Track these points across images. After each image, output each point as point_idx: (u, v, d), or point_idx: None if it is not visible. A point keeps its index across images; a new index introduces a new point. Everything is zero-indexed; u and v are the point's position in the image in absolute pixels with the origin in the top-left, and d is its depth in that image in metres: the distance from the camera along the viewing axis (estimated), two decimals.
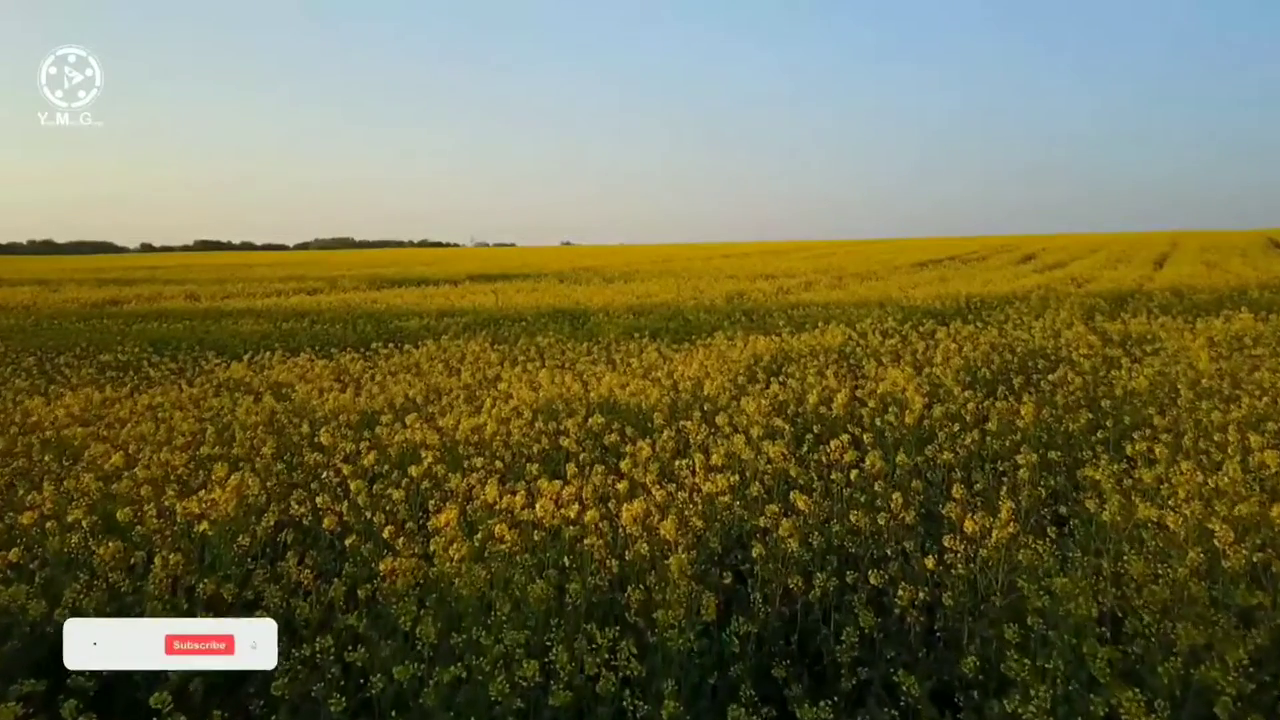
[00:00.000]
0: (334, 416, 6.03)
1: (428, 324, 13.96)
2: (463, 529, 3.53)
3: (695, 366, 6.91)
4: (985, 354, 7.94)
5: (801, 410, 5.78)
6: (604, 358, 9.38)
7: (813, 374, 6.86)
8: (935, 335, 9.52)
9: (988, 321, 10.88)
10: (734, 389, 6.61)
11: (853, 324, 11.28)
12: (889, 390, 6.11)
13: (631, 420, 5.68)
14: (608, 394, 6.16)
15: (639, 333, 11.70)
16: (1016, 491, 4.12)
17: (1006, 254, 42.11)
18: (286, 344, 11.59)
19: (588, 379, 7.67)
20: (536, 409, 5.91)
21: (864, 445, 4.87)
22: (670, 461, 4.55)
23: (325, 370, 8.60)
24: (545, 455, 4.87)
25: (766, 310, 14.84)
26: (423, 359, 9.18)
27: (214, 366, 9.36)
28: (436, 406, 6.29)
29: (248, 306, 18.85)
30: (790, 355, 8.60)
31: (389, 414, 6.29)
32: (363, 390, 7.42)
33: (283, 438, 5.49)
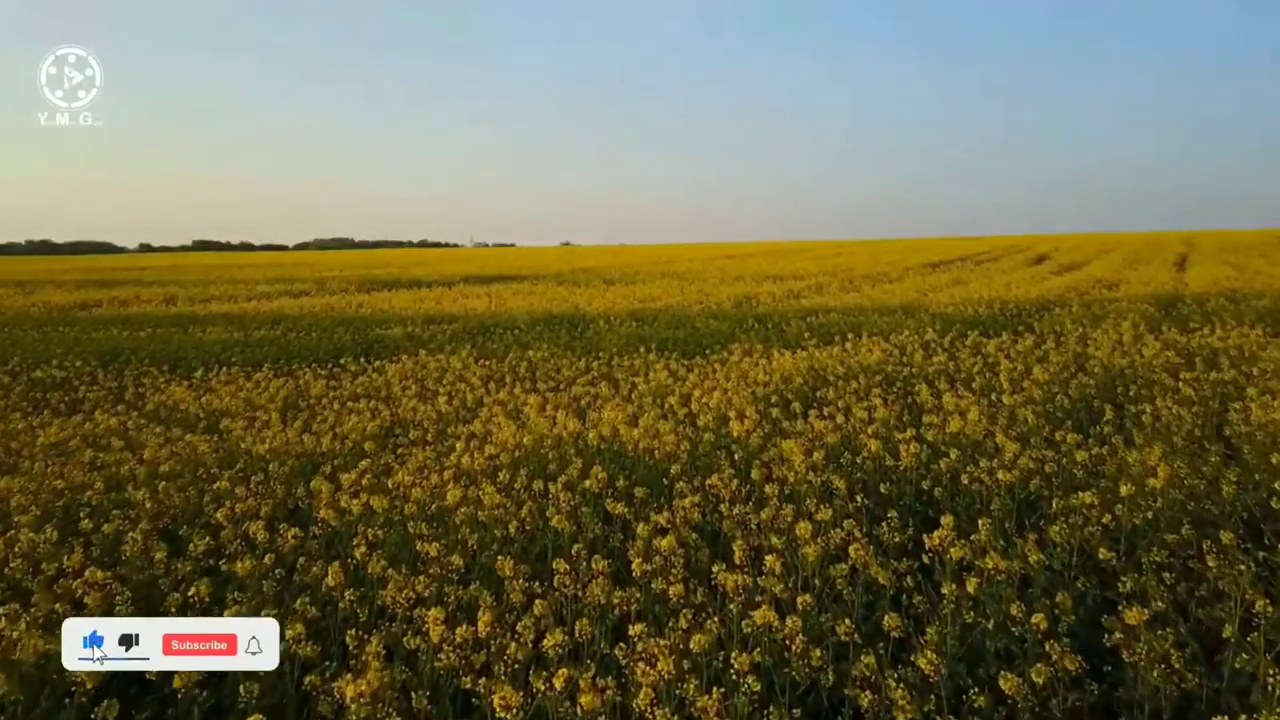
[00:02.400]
0: (261, 465, 4.77)
1: (411, 332, 12.71)
2: (386, 701, 2.26)
3: (716, 395, 5.66)
4: (1057, 375, 6.69)
5: (859, 460, 4.51)
6: (604, 373, 8.15)
7: (858, 406, 5.62)
8: (984, 350, 8.28)
9: (1035, 332, 9.63)
10: (765, 422, 5.36)
11: (885, 334, 10.04)
12: (960, 429, 4.85)
13: (642, 473, 4.43)
14: (610, 433, 4.91)
15: (643, 344, 10.46)
16: (1209, 604, 2.86)
17: (1018, 254, 40.86)
18: (249, 357, 10.34)
19: (585, 405, 6.42)
20: (520, 455, 4.66)
21: (961, 519, 3.62)
22: (697, 552, 3.29)
23: (280, 391, 7.36)
24: (526, 534, 3.60)
25: (781, 316, 13.58)
26: (395, 377, 7.93)
27: (159, 384, 8.12)
28: (391, 456, 5.03)
29: (225, 311, 17.60)
30: (822, 374, 7.35)
31: (342, 455, 5.05)
32: (316, 420, 6.18)
33: (185, 495, 4.23)
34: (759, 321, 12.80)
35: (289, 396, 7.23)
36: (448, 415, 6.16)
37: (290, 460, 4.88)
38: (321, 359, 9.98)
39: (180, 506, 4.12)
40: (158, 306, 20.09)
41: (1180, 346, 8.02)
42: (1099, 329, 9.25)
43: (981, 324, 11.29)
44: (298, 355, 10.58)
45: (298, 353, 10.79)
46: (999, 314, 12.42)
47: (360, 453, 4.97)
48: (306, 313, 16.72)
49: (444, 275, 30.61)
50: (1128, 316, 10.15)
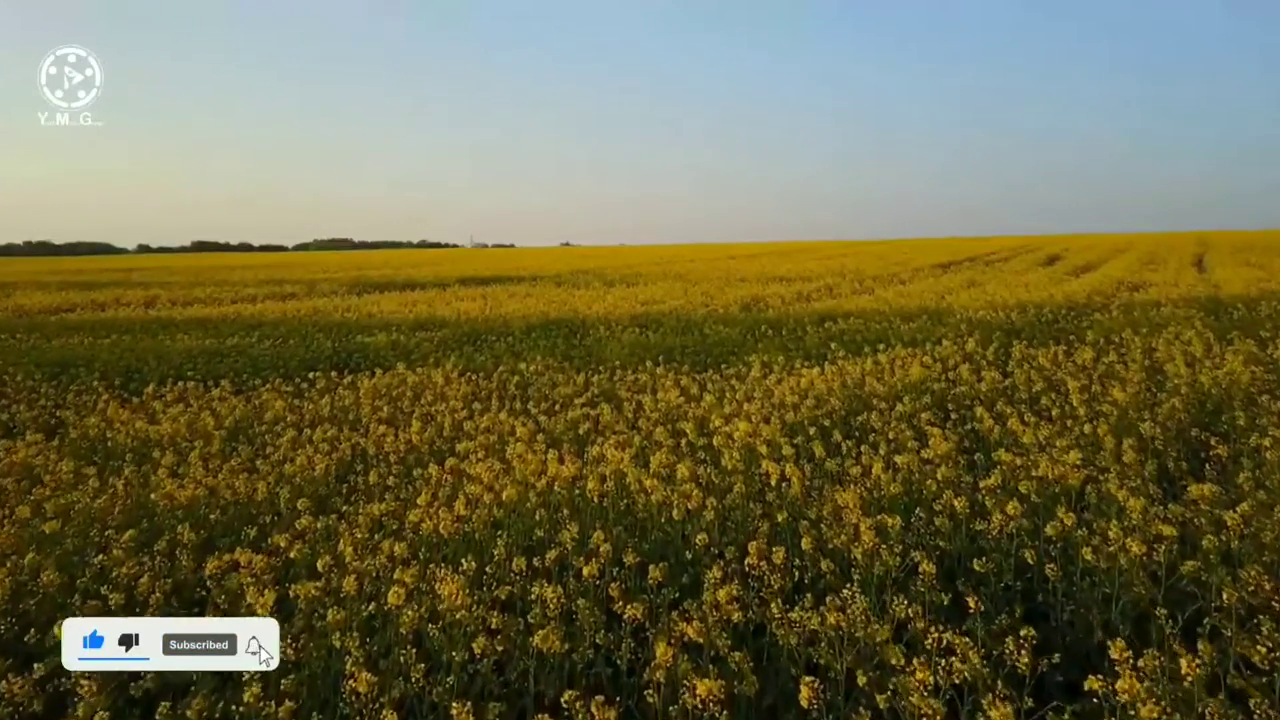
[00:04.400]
0: (174, 521, 3.77)
1: (396, 340, 11.71)
2: None
3: (742, 425, 4.66)
4: (1138, 397, 5.70)
5: (935, 519, 3.52)
6: (605, 391, 7.17)
7: (907, 435, 4.64)
8: (1037, 363, 7.29)
9: (1083, 341, 8.63)
10: (804, 459, 4.38)
11: (918, 344, 9.05)
12: (1051, 473, 3.87)
13: (657, 537, 3.45)
14: (614, 477, 3.92)
15: (648, 354, 9.48)
16: None
17: (1028, 255, 39.86)
18: (212, 369, 9.36)
19: (584, 433, 5.44)
20: (502, 512, 3.67)
21: (1091, 615, 2.64)
22: (741, 684, 2.31)
23: (234, 412, 6.37)
24: (498, 656, 2.60)
25: (796, 322, 12.60)
26: (368, 395, 6.94)
27: (101, 404, 7.12)
28: (338, 507, 4.03)
29: (203, 316, 16.60)
30: (859, 394, 6.37)
31: (283, 505, 4.07)
32: (264, 453, 5.20)
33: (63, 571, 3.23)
34: (772, 328, 11.81)
35: (241, 420, 6.24)
36: (420, 447, 5.17)
37: (214, 513, 3.89)
38: (292, 371, 8.99)
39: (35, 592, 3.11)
40: (135, 310, 19.10)
41: (1263, 359, 7.04)
42: (1158, 338, 8.26)
43: (1018, 331, 10.31)
44: (268, 366, 9.59)
45: (269, 363, 9.80)
46: (1034, 320, 11.43)
47: (312, 497, 3.96)
48: (289, 317, 15.74)
49: (439, 277, 29.60)
50: (1190, 324, 9.16)
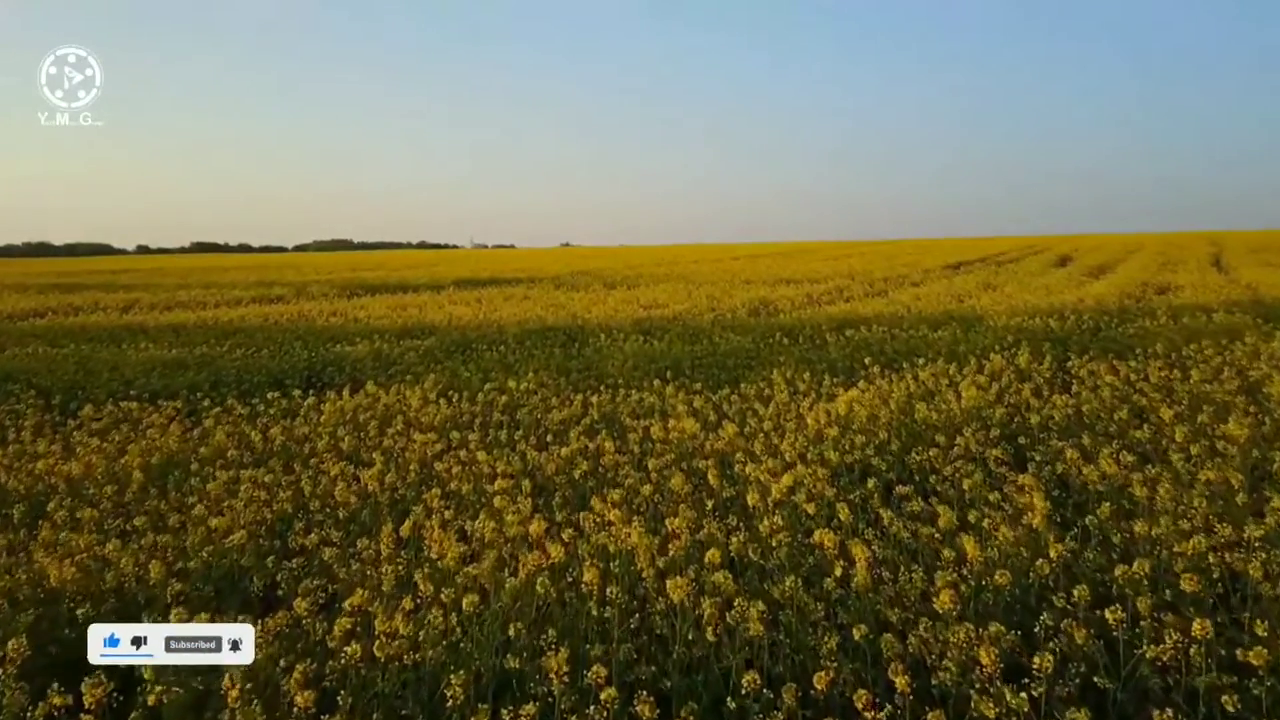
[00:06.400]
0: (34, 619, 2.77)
1: (379, 349, 10.69)
2: None
3: (785, 479, 3.67)
4: (1254, 429, 4.71)
5: (1063, 630, 2.52)
6: (607, 415, 6.18)
7: (977, 480, 3.64)
8: (1107, 381, 6.29)
9: (1143, 354, 7.64)
10: (864, 523, 3.38)
11: (959, 356, 8.05)
12: (1177, 541, 2.88)
13: (681, 662, 2.46)
14: (623, 558, 2.93)
15: (654, 367, 8.49)
16: None
17: (1038, 255, 38.80)
18: (166, 385, 8.34)
19: (579, 479, 4.44)
20: (466, 623, 2.67)
21: None
22: None
23: (164, 444, 5.37)
24: None
25: (812, 328, 11.56)
26: (330, 421, 5.94)
27: (13, 433, 6.08)
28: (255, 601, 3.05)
29: (178, 321, 15.54)
30: (904, 419, 5.38)
31: (186, 591, 3.07)
32: (184, 505, 4.20)
33: None
34: (787, 335, 10.81)
35: (174, 455, 5.23)
36: (378, 496, 4.17)
37: (84, 608, 2.90)
38: (254, 388, 8.00)
39: None
40: (109, 315, 18.06)
41: None
42: (1235, 349, 7.25)
43: (1064, 340, 9.30)
44: (230, 382, 8.58)
45: (231, 378, 8.79)
46: (1074, 327, 10.42)
47: (222, 579, 2.98)
48: (269, 323, 14.71)
49: (435, 279, 28.53)
50: (1257, 331, 8.16)
